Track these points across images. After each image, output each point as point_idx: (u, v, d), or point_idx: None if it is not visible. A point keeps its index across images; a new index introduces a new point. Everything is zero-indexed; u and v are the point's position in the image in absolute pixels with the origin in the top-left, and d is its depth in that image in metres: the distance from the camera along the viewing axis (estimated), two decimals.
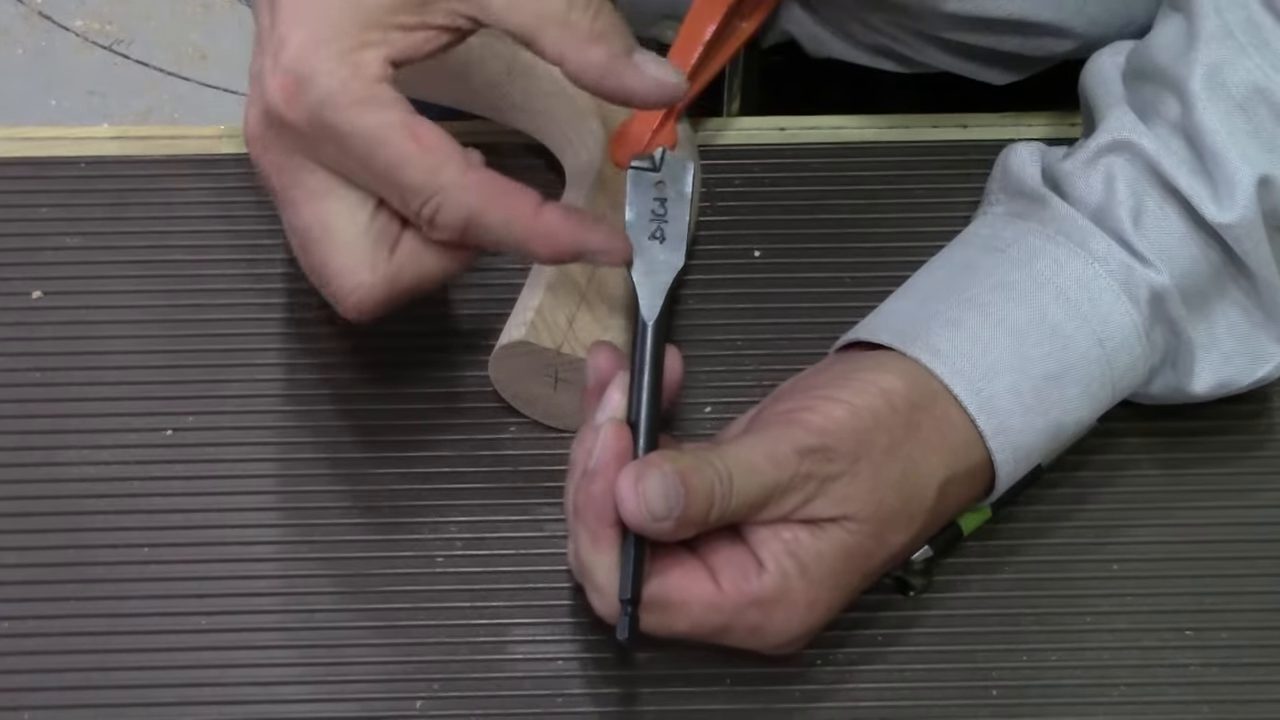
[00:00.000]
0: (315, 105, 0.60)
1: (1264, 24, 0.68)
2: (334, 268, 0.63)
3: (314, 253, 0.63)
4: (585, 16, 0.61)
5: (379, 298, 0.63)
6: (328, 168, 0.62)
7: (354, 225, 0.62)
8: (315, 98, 0.60)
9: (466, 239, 0.63)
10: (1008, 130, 0.81)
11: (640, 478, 0.60)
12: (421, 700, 0.68)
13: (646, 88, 0.63)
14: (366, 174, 0.62)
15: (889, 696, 0.68)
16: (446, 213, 0.62)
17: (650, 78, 0.63)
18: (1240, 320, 0.70)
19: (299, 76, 0.60)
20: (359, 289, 0.63)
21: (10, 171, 0.78)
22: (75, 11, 1.95)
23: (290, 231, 0.65)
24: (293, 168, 0.62)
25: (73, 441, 0.72)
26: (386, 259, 0.63)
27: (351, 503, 0.71)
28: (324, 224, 0.62)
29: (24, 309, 0.75)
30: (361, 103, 0.60)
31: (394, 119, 0.61)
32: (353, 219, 0.62)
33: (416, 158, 0.61)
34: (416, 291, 0.64)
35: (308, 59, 0.60)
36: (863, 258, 0.77)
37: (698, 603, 0.62)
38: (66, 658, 0.68)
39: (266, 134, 0.62)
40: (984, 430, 0.65)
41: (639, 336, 0.64)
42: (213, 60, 1.92)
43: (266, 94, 0.61)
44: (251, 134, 0.63)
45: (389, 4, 0.61)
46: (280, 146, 0.62)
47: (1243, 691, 0.69)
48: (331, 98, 0.60)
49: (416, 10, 0.61)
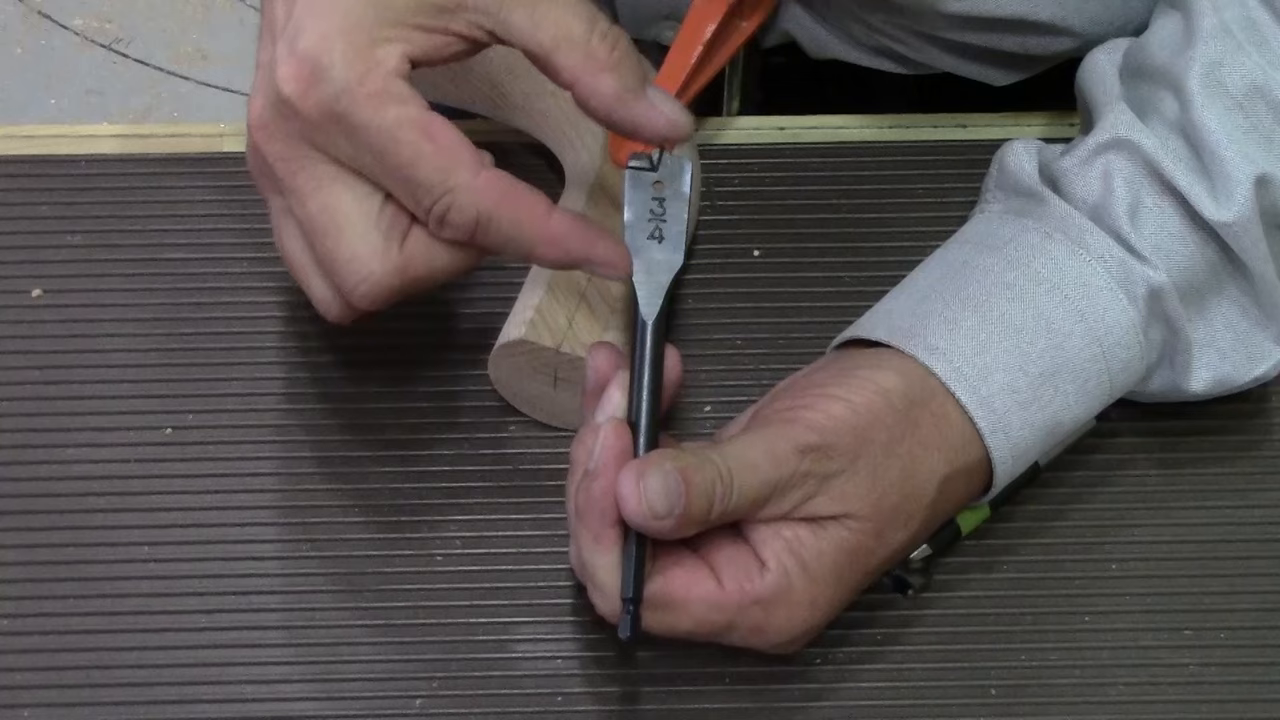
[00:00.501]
0: (330, 96, 0.60)
1: (1262, 22, 0.68)
2: (344, 257, 0.62)
3: (322, 242, 0.62)
4: (604, 45, 0.62)
5: (388, 288, 0.63)
6: (336, 158, 0.62)
7: (363, 215, 0.62)
8: (331, 88, 0.60)
9: (475, 239, 0.62)
10: (1007, 130, 0.81)
11: (641, 476, 0.60)
12: (421, 699, 0.68)
13: (655, 124, 0.63)
14: (378, 168, 0.61)
15: (888, 695, 0.68)
16: (457, 213, 0.61)
17: (659, 113, 0.63)
18: (1238, 318, 0.70)
19: (315, 65, 0.60)
20: (369, 279, 0.62)
21: (11, 170, 0.78)
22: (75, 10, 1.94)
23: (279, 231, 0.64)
24: (299, 156, 0.62)
25: (73, 440, 0.72)
26: (396, 250, 0.62)
27: (351, 501, 0.71)
28: (332, 213, 0.62)
29: (24, 307, 0.75)
30: (378, 96, 0.60)
31: (410, 115, 0.60)
32: (361, 209, 0.62)
33: (430, 156, 0.61)
34: (425, 285, 0.64)
35: (325, 48, 0.60)
36: (863, 258, 0.77)
37: (700, 602, 0.62)
38: (66, 656, 0.68)
39: (273, 122, 0.62)
40: (982, 427, 0.65)
41: (638, 336, 0.64)
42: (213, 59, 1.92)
43: (278, 81, 0.61)
44: (256, 121, 0.62)
45: (410, 5, 0.61)
46: (287, 135, 0.62)
47: (1242, 691, 0.69)
48: (348, 89, 0.60)
49: (437, 15, 0.61)
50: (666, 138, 0.64)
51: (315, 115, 0.60)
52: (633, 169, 0.66)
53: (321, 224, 0.62)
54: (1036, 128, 0.81)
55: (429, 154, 0.60)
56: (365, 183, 0.62)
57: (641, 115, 0.63)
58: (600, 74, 0.62)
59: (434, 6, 0.61)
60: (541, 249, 0.63)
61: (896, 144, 0.81)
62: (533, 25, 0.61)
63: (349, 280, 0.62)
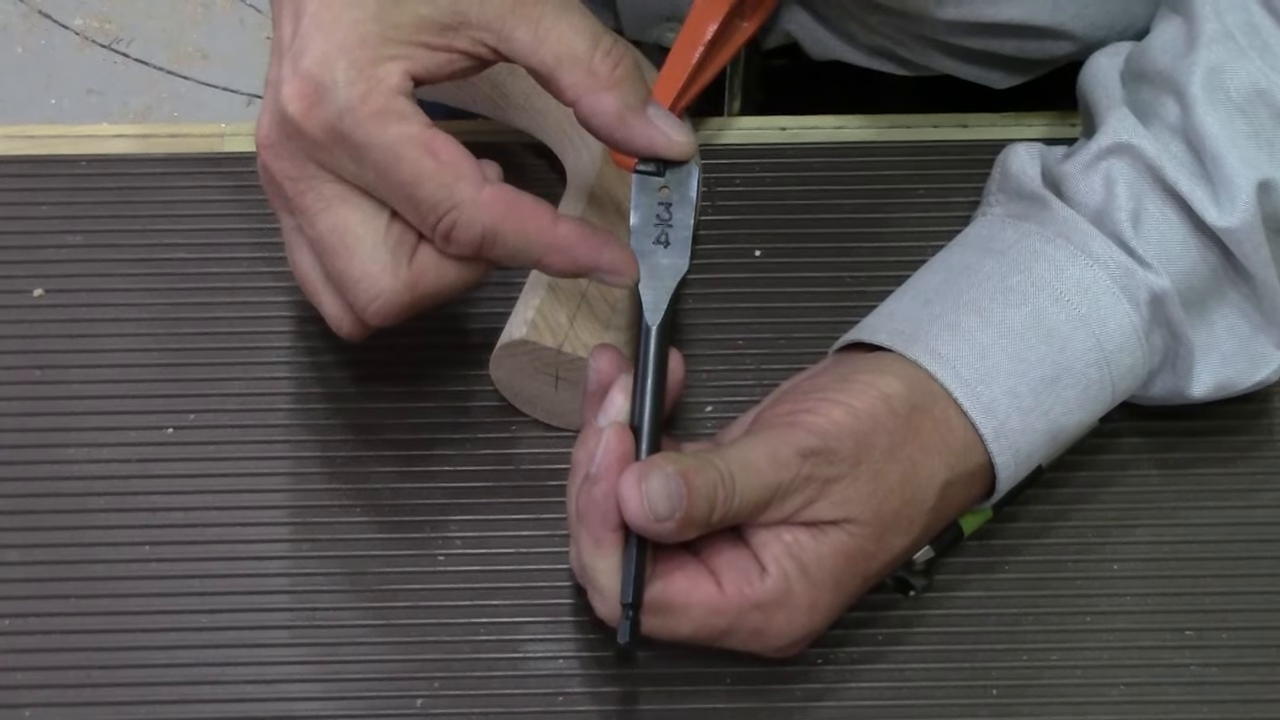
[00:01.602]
0: (333, 115, 0.60)
1: (1264, 26, 0.68)
2: (355, 275, 0.62)
3: (332, 261, 0.62)
4: (607, 64, 0.62)
5: (399, 304, 0.63)
6: (342, 177, 0.62)
7: (372, 233, 0.62)
8: (333, 108, 0.60)
9: (482, 253, 0.63)
10: (1008, 130, 0.81)
11: (643, 478, 0.60)
12: (422, 699, 0.68)
13: (656, 143, 0.63)
14: (382, 187, 0.61)
15: (889, 696, 0.68)
16: (462, 229, 0.61)
17: (660, 132, 0.63)
18: (1240, 323, 0.70)
19: (318, 84, 0.60)
20: (381, 296, 0.62)
21: (11, 170, 0.78)
22: (75, 10, 1.95)
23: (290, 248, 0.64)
24: (306, 176, 0.62)
25: (73, 440, 0.72)
26: (405, 267, 0.62)
27: (353, 501, 0.71)
28: (342, 232, 0.62)
29: (25, 307, 0.75)
30: (379, 115, 0.60)
31: (411, 133, 0.60)
32: (370, 227, 0.62)
33: (433, 173, 0.60)
34: (436, 299, 0.64)
35: (327, 67, 0.60)
36: (863, 258, 0.77)
37: (700, 606, 0.62)
38: (68, 656, 0.68)
39: (279, 141, 0.62)
40: (984, 433, 0.65)
41: (643, 340, 0.64)
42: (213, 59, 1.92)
43: (282, 100, 0.61)
44: (263, 140, 0.63)
45: (414, 23, 0.61)
46: (293, 154, 0.62)
47: (1242, 691, 0.69)
48: (350, 108, 0.60)
49: (441, 33, 0.61)
50: (667, 157, 0.64)
51: (319, 134, 0.61)
52: (640, 173, 0.66)
53: (331, 244, 0.62)
54: (1038, 128, 0.81)
55: (431, 171, 0.60)
56: (372, 201, 0.62)
57: (642, 134, 0.63)
58: (602, 93, 0.62)
59: (437, 24, 0.61)
60: (549, 258, 0.63)
61: (897, 144, 0.81)
62: (536, 43, 0.61)
63: (361, 298, 0.62)
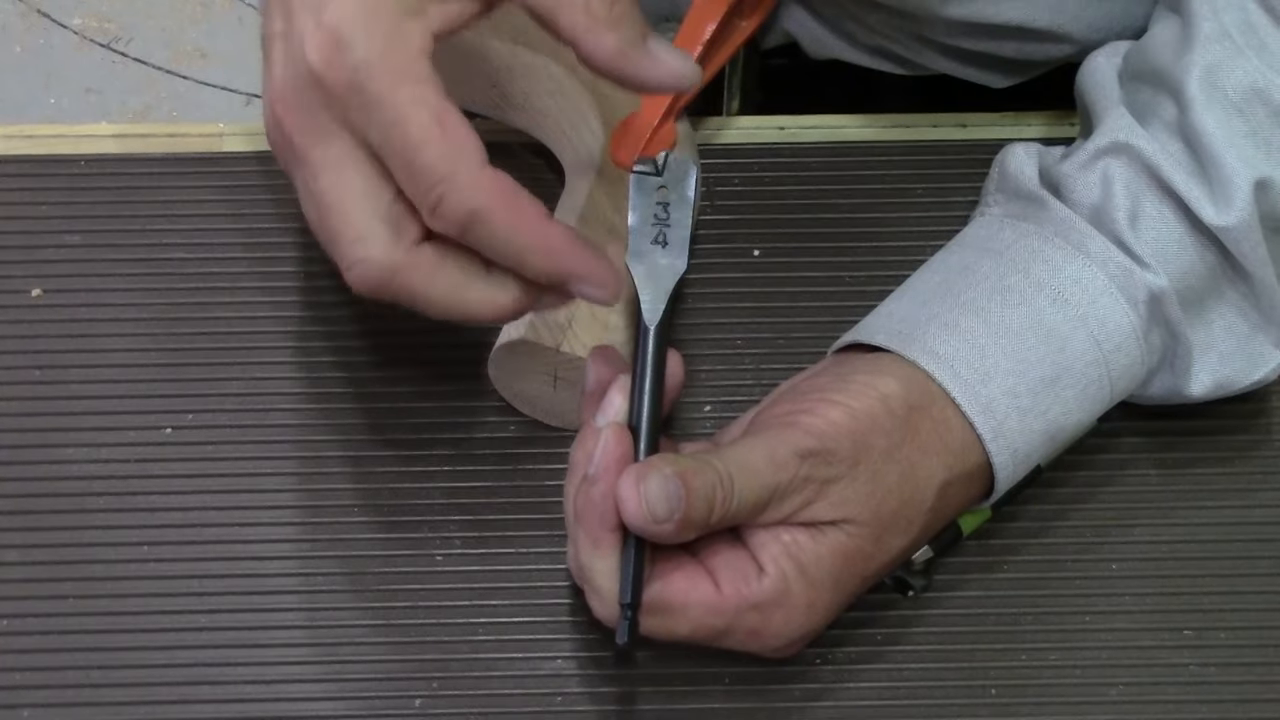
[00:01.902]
0: (352, 69, 0.59)
1: (1261, 25, 0.68)
2: (347, 236, 0.61)
3: (326, 217, 0.61)
4: (603, 3, 0.61)
5: (378, 280, 0.61)
6: (353, 134, 0.61)
7: (371, 201, 0.61)
8: (354, 61, 0.59)
9: (466, 237, 0.61)
10: (1007, 130, 0.81)
11: (641, 479, 0.60)
12: (421, 699, 0.68)
13: (659, 75, 0.62)
14: (385, 146, 0.60)
15: (888, 696, 0.68)
16: (450, 203, 0.60)
17: (663, 64, 0.62)
18: (1238, 322, 0.70)
19: (341, 38, 0.59)
20: (364, 261, 0.61)
21: (10, 169, 0.78)
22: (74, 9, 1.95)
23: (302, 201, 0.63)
24: (317, 129, 0.61)
25: (72, 440, 0.72)
26: (401, 250, 0.61)
27: (351, 501, 0.71)
28: (340, 194, 0.61)
29: (24, 307, 0.75)
30: (398, 73, 0.59)
31: (425, 96, 0.60)
32: (371, 195, 0.61)
33: (436, 141, 0.60)
34: (415, 300, 0.62)
35: (351, 22, 0.59)
36: (863, 257, 0.77)
37: (698, 606, 0.62)
38: (66, 656, 0.68)
39: (294, 94, 0.61)
40: (982, 433, 0.65)
41: (641, 341, 0.64)
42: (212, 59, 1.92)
43: (306, 52, 0.60)
44: (277, 94, 0.61)
45: None
46: (308, 105, 0.61)
47: (1242, 691, 0.69)
48: (370, 64, 0.59)
49: None
50: (672, 89, 0.63)
51: (339, 87, 0.60)
52: (638, 173, 0.66)
53: (329, 200, 0.61)
54: (1037, 127, 0.81)
55: (435, 139, 0.60)
56: (378, 173, 0.61)
57: (645, 69, 0.62)
58: (600, 29, 0.61)
59: None
60: (534, 257, 0.61)
61: (896, 144, 0.81)
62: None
63: (345, 259, 0.61)
